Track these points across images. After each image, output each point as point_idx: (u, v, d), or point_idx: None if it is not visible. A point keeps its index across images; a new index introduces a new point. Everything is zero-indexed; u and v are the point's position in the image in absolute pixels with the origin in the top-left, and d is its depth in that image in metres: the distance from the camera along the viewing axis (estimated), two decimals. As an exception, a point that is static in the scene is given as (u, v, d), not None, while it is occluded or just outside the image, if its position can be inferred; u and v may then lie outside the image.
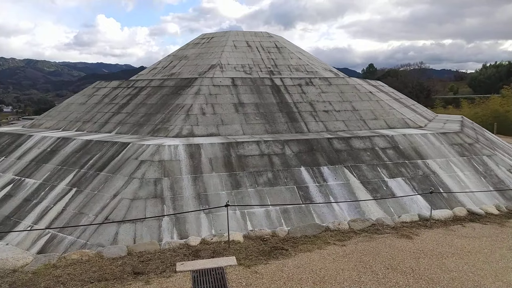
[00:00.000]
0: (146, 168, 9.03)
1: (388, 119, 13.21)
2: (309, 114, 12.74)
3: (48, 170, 10.44)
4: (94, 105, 14.61)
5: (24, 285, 4.78)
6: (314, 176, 9.57)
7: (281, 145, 10.37)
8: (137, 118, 12.62)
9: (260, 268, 5.29)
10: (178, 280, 4.97)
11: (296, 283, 4.99)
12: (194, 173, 9.13)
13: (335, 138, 10.89)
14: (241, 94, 13.07)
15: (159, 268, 5.25)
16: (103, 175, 9.35)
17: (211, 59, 16.25)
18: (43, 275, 5.02)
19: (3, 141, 13.10)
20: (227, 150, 9.93)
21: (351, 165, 10.06)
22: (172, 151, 9.58)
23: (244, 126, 11.78)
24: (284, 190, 9.08)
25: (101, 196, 8.72)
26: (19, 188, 10.22)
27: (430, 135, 11.75)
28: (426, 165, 10.54)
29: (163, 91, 13.68)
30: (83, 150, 10.72)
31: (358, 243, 6.33)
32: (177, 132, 11.13)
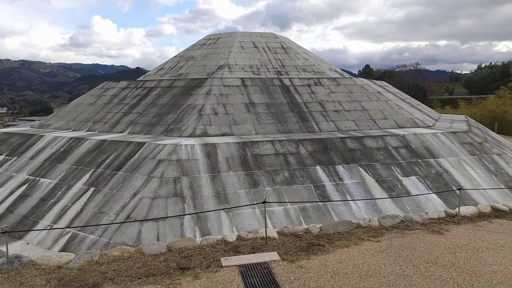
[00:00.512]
0: (164, 167, 9.09)
1: (398, 119, 13.35)
2: (320, 114, 12.85)
3: (63, 170, 10.46)
4: (104, 105, 14.64)
5: (72, 281, 4.82)
6: (330, 175, 9.67)
7: (295, 144, 10.47)
8: (148, 118, 12.66)
9: (304, 263, 5.38)
10: (227, 275, 5.05)
11: (342, 277, 5.10)
12: (212, 172, 9.21)
13: (348, 138, 11.01)
14: (252, 94, 13.16)
15: (203, 264, 5.32)
16: (121, 174, 9.39)
17: (218, 60, 16.32)
18: (89, 271, 5.07)
19: (14, 141, 13.09)
20: (242, 149, 10.01)
21: (365, 164, 10.17)
22: (189, 150, 9.64)
23: (256, 126, 11.87)
24: (301, 188, 9.17)
25: (120, 195, 8.77)
26: (35, 188, 10.23)
27: (440, 135, 11.90)
28: (438, 163, 10.67)
29: (174, 91, 13.74)
30: (98, 150, 10.76)
31: (392, 239, 6.45)
32: (191, 132, 11.20)
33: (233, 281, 4.90)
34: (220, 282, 4.85)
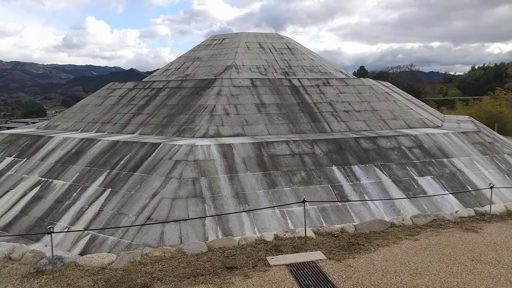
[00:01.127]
0: (182, 168, 9.03)
1: (407, 119, 13.42)
2: (330, 114, 12.87)
3: (76, 171, 10.36)
4: (112, 106, 14.53)
5: (119, 281, 4.77)
6: (347, 175, 9.68)
7: (310, 144, 10.47)
8: (159, 119, 12.59)
9: (351, 262, 5.37)
10: (277, 274, 5.04)
11: (393, 275, 5.12)
12: (229, 172, 9.17)
13: (362, 138, 11.03)
14: (262, 95, 13.14)
15: (249, 263, 5.28)
16: (138, 175, 9.32)
17: (225, 60, 16.29)
18: (134, 272, 5.02)
19: (22, 143, 12.95)
20: (258, 150, 9.98)
21: (380, 164, 10.20)
22: (205, 151, 9.60)
23: (268, 127, 11.85)
24: (319, 189, 9.16)
25: (139, 196, 8.70)
26: (48, 189, 10.12)
27: (451, 134, 11.97)
28: (451, 163, 10.73)
29: (183, 92, 13.68)
30: (111, 151, 10.67)
31: (430, 237, 6.48)
32: (204, 133, 11.15)
33: (286, 280, 4.89)
34: (273, 281, 4.84)
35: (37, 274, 5.07)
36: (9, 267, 5.24)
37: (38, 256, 5.47)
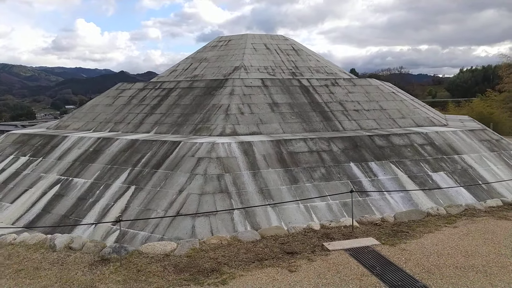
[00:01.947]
0: (206, 165, 9.21)
1: (415, 118, 13.78)
2: (341, 113, 13.16)
3: (97, 169, 10.47)
4: (123, 106, 14.63)
5: (187, 267, 4.95)
6: (365, 171, 9.96)
7: (326, 142, 10.73)
8: (174, 118, 12.75)
9: (403, 246, 5.63)
10: (339, 257, 5.28)
11: (448, 257, 5.41)
12: (252, 169, 9.38)
13: (376, 136, 11.34)
14: (273, 95, 13.38)
15: (306, 248, 5.49)
16: (162, 172, 9.47)
17: (233, 61, 16.49)
18: (198, 258, 5.19)
19: (35, 142, 12.98)
20: (277, 147, 10.21)
21: (396, 160, 10.50)
22: (226, 148, 9.80)
23: (282, 125, 12.09)
24: (339, 184, 9.42)
25: (165, 192, 8.86)
26: (69, 187, 10.21)
27: (460, 132, 12.35)
28: (462, 160, 11.09)
29: (195, 92, 13.85)
30: (131, 149, 10.80)
31: (467, 225, 6.78)
32: (221, 131, 11.34)
33: (350, 263, 5.13)
34: (337, 263, 5.08)
35: (103, 262, 5.21)
36: (73, 256, 5.38)
37: (99, 246, 5.61)
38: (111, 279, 4.76)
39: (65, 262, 5.14)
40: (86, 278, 4.79)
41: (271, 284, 4.55)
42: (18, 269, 5.00)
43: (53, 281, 4.61)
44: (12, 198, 10.62)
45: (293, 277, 4.61)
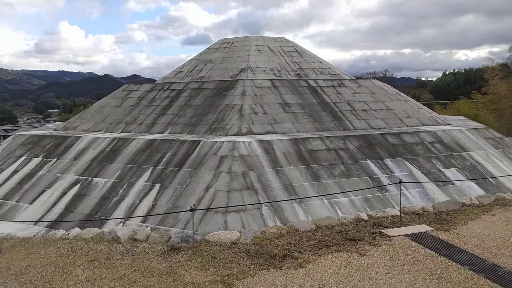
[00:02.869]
0: (230, 163, 9.39)
1: (420, 117, 14.22)
2: (350, 113, 13.51)
3: (117, 169, 10.53)
4: (132, 107, 14.68)
5: (258, 253, 5.15)
6: (381, 168, 10.29)
7: (342, 140, 11.03)
8: (187, 119, 12.88)
9: (456, 231, 5.93)
10: (402, 242, 5.57)
11: (502, 239, 5.79)
12: (274, 166, 9.60)
13: (388, 134, 11.70)
14: (284, 95, 13.65)
15: (365, 236, 5.72)
16: (185, 170, 9.61)
17: (238, 63, 16.69)
18: (265, 245, 5.39)
19: (47, 143, 12.93)
20: (296, 145, 10.46)
21: (409, 157, 10.87)
22: (247, 147, 10.00)
23: (295, 124, 12.35)
24: (359, 181, 9.72)
25: (191, 190, 9.00)
26: (90, 187, 10.25)
27: (465, 131, 12.83)
28: (470, 156, 11.54)
29: (205, 93, 14.01)
30: (150, 149, 10.89)
31: (503, 213, 7.13)
32: (237, 131, 11.53)
33: (414, 246, 5.43)
34: (403, 247, 5.37)
35: (173, 251, 5.35)
36: (141, 247, 5.51)
37: (165, 236, 5.73)
38: (188, 266, 4.92)
39: (135, 253, 5.26)
40: (163, 266, 4.94)
41: (348, 266, 4.83)
42: (89, 260, 5.11)
43: (130, 269, 4.76)
44: (31, 199, 10.59)
45: (367, 260, 4.90)
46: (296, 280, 4.48)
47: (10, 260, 5.20)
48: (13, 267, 4.88)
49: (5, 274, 4.75)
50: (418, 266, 4.85)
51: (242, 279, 4.64)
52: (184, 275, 4.75)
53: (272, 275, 4.78)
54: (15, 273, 4.77)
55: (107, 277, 4.59)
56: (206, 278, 4.65)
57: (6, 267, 4.98)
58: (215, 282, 4.57)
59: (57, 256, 5.21)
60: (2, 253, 5.48)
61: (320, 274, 4.69)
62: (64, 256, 5.18)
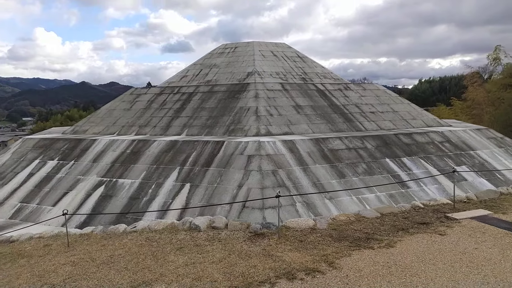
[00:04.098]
0: (259, 162, 9.63)
1: (424, 119, 14.83)
2: (360, 115, 13.97)
3: (141, 169, 10.59)
4: (143, 110, 14.72)
5: (341, 236, 5.45)
6: (400, 166, 10.72)
7: (360, 140, 11.44)
8: (202, 121, 13.04)
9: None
10: (471, 223, 5.94)
11: None
12: (301, 165, 9.89)
13: (401, 134, 12.19)
14: (295, 98, 14.00)
15: (433, 219, 6.02)
16: (214, 170, 9.78)
17: (244, 67, 16.98)
18: (343, 230, 5.63)
19: (60, 146, 12.82)
20: (318, 145, 10.79)
21: (423, 156, 11.37)
22: (272, 146, 10.26)
23: (310, 126, 12.71)
24: (381, 178, 10.12)
25: (223, 188, 9.18)
26: (115, 188, 10.26)
27: (469, 131, 13.48)
28: (477, 155, 12.15)
29: (218, 96, 14.22)
30: (173, 150, 11.00)
31: None
32: (256, 132, 11.78)
33: (485, 226, 5.80)
34: (475, 227, 5.73)
35: (257, 236, 5.51)
36: (224, 234, 5.65)
37: (245, 224, 5.89)
38: (281, 248, 5.11)
39: (221, 239, 5.40)
40: (256, 249, 5.11)
41: (435, 244, 5.17)
42: (177, 247, 5.23)
43: (225, 253, 4.92)
44: (53, 201, 10.51)
45: (448, 238, 5.26)
46: (393, 257, 4.80)
47: (87, 252, 5.27)
48: (97, 258, 4.96)
49: (94, 263, 4.83)
50: (500, 242, 5.26)
51: (340, 258, 4.90)
52: (281, 256, 4.97)
53: (368, 254, 5.07)
54: (104, 262, 4.86)
55: (205, 261, 4.73)
56: (304, 258, 4.89)
57: (90, 258, 5.04)
58: (316, 261, 4.81)
59: (138, 246, 5.29)
60: (71, 246, 5.53)
61: (412, 251, 5.05)
62: (147, 246, 5.29)
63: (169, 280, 4.29)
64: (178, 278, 4.31)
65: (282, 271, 4.48)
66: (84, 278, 4.44)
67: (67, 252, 5.34)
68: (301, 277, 4.35)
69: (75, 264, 4.84)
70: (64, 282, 4.38)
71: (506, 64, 36.93)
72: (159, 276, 4.38)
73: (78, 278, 4.44)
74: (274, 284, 4.23)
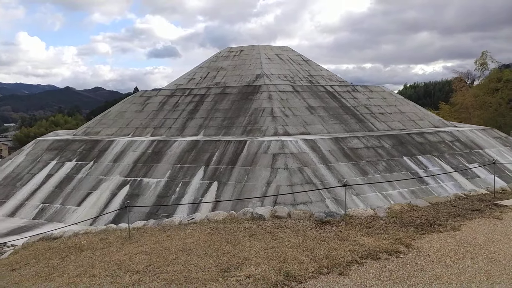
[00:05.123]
0: (284, 160, 9.86)
1: (430, 120, 15.31)
2: (370, 115, 14.36)
3: (166, 169, 10.70)
4: (155, 112, 14.80)
5: (404, 223, 5.71)
6: (417, 164, 11.10)
7: (376, 139, 11.79)
8: (218, 122, 13.22)
9: None
10: None
11: None
12: (324, 163, 10.16)
13: (413, 134, 12.59)
14: (307, 99, 14.31)
15: (483, 207, 6.31)
16: (240, 168, 9.97)
17: (252, 70, 17.23)
18: (404, 218, 5.89)
19: (77, 148, 12.81)
20: (337, 144, 11.09)
21: (437, 154, 11.78)
22: (295, 145, 10.51)
23: (325, 126, 13.01)
24: (401, 175, 10.45)
25: (251, 185, 9.38)
26: (141, 187, 10.35)
27: (476, 131, 13.99)
28: (486, 153, 12.63)
29: (230, 97, 14.42)
30: (195, 149, 11.14)
31: None
32: (274, 132, 12.02)
33: None
34: None
35: (323, 224, 5.71)
36: (289, 222, 5.83)
37: (308, 213, 6.08)
38: (352, 233, 5.32)
39: (290, 227, 5.57)
40: (328, 234, 5.31)
41: (498, 226, 5.50)
42: (249, 234, 5.38)
43: (300, 239, 5.08)
44: (77, 201, 10.53)
45: (507, 222, 5.53)
46: (465, 239, 5.09)
47: (154, 242, 5.38)
48: (170, 247, 5.03)
49: (169, 251, 4.93)
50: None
51: (414, 241, 5.13)
52: (356, 240, 5.16)
53: (438, 237, 5.31)
54: (180, 250, 4.94)
55: (283, 246, 4.89)
56: (380, 242, 5.09)
57: (162, 247, 5.16)
58: (392, 243, 5.02)
59: (207, 235, 5.41)
60: (132, 239, 5.63)
61: (480, 233, 5.32)
62: (216, 234, 5.40)
63: (256, 262, 4.45)
64: (264, 261, 4.48)
65: (363, 253, 4.71)
66: (166, 264, 4.56)
67: (132, 244, 5.45)
68: (385, 257, 4.60)
69: (149, 253, 4.96)
70: (147, 269, 4.50)
71: (492, 69, 38.21)
72: (243, 259, 4.54)
73: (160, 264, 4.56)
74: (362, 264, 4.45)
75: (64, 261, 5.19)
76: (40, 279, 4.70)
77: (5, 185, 12.16)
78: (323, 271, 4.26)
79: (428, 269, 4.40)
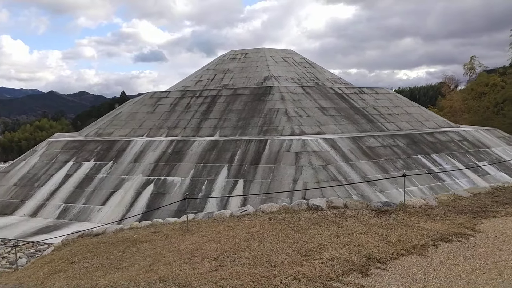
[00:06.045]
0: (308, 158, 10.12)
1: (435, 120, 15.80)
2: (379, 116, 14.75)
3: (189, 167, 10.84)
4: (168, 113, 14.91)
5: (457, 210, 5.91)
6: (431, 161, 11.49)
7: (391, 138, 12.15)
8: (233, 122, 13.42)
9: None
10: None
11: None
12: (346, 161, 10.46)
13: (424, 133, 13.01)
14: (317, 100, 14.63)
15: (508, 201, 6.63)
16: (264, 166, 10.19)
17: (260, 72, 17.49)
18: (456, 206, 6.18)
19: (93, 148, 12.83)
20: (355, 143, 11.41)
21: (448, 153, 12.20)
22: (315, 144, 10.79)
23: (338, 126, 13.34)
24: (419, 172, 10.82)
25: (278, 182, 9.61)
26: (165, 185, 10.47)
27: (480, 131, 14.51)
28: (492, 152, 13.13)
29: (242, 99, 14.63)
30: (216, 149, 11.31)
31: None
32: (291, 131, 12.28)
33: None
34: None
35: (382, 213, 5.93)
36: (348, 211, 6.04)
37: (364, 203, 6.31)
38: (414, 220, 5.56)
39: (350, 216, 5.77)
40: (391, 222, 5.53)
41: None
42: (313, 223, 5.55)
43: (366, 226, 5.26)
44: (101, 201, 10.58)
45: None
46: None
47: (217, 232, 5.48)
48: (237, 236, 5.07)
49: (238, 240, 5.03)
50: None
51: (476, 225, 5.39)
52: (422, 226, 5.37)
53: (498, 221, 5.58)
54: (249, 237, 4.94)
55: (352, 232, 5.07)
56: (444, 227, 5.32)
57: (228, 236, 5.29)
58: (457, 227, 5.28)
59: (269, 224, 5.55)
60: (191, 232, 5.76)
61: None
62: (278, 224, 5.50)
63: (332, 247, 4.63)
64: (340, 246, 4.67)
65: (433, 236, 4.97)
66: (241, 251, 4.71)
67: (193, 234, 5.57)
68: (457, 240, 4.87)
69: (218, 242, 5.10)
70: (224, 255, 4.65)
71: (480, 73, 39.34)
72: (318, 245, 4.72)
73: (234, 251, 4.70)
74: (436, 246, 4.70)
75: (125, 253, 5.30)
76: (110, 269, 4.81)
77: (22, 186, 12.11)
78: (402, 253, 4.51)
79: (503, 248, 4.69)
